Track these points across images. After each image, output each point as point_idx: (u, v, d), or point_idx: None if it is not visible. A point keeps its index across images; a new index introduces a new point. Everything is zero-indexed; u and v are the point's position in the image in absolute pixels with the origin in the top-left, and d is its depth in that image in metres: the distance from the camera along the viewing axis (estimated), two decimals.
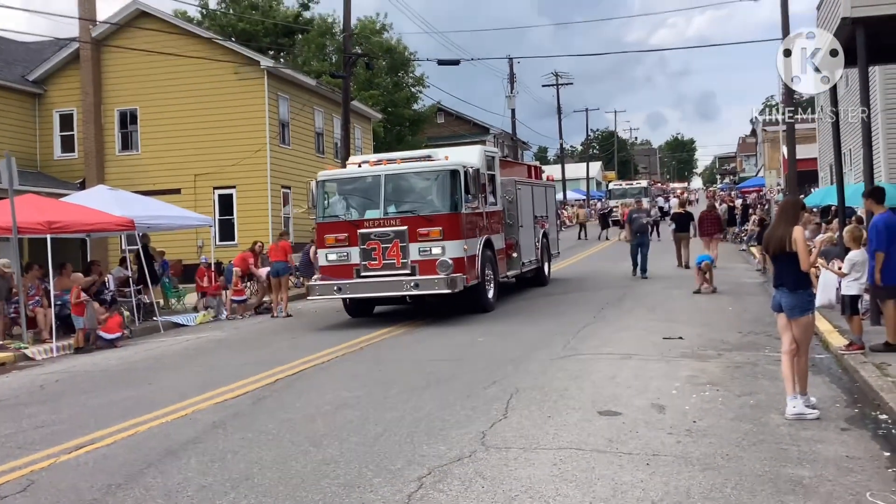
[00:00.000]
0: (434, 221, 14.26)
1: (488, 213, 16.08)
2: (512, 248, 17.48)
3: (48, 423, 8.57)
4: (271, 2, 46.65)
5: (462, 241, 14.40)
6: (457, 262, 14.13)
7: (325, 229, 15.04)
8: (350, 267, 14.65)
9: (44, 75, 29.00)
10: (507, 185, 17.65)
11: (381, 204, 14.64)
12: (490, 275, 15.73)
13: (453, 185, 14.53)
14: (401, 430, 7.20)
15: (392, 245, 14.32)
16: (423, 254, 14.20)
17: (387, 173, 14.84)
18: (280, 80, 29.07)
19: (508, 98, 55.08)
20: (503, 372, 9.53)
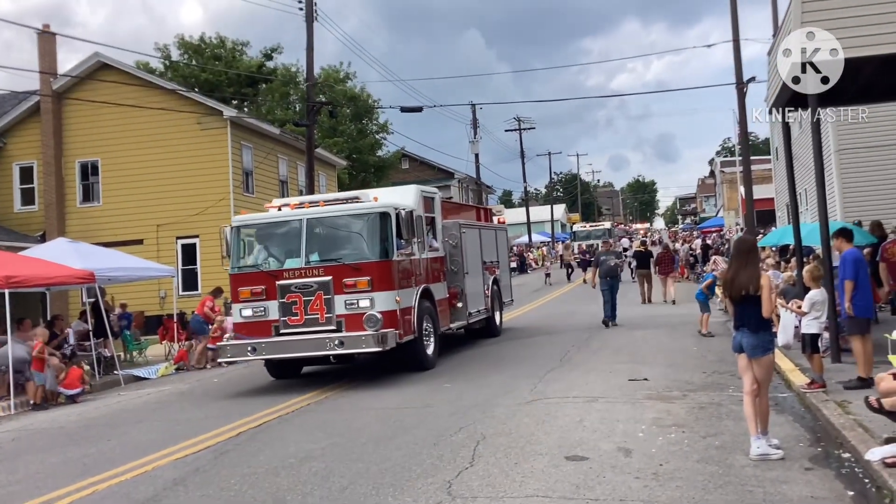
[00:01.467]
0: (362, 270, 12.72)
1: (427, 259, 14.74)
2: (456, 298, 16.05)
3: (4, 484, 8.34)
4: (234, 52, 46.89)
5: (394, 291, 12.91)
6: (388, 316, 12.66)
7: (240, 281, 13.37)
8: (267, 324, 13.04)
9: (3, 128, 28.79)
10: (450, 228, 16.29)
11: (303, 251, 13.14)
12: (429, 328, 14.29)
13: (383, 229, 13.07)
14: (366, 482, 7.10)
15: (315, 298, 12.78)
16: (350, 307, 12.68)
17: (309, 217, 13.37)
18: (243, 129, 29.11)
19: (472, 143, 55.64)
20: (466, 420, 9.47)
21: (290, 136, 33.07)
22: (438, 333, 14.67)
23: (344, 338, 12.52)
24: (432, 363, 14.12)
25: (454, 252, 16.17)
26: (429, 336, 14.24)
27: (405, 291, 13.36)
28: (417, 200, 14.73)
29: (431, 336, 14.36)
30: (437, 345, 14.53)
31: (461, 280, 16.20)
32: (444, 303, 15.43)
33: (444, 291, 15.52)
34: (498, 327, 18.76)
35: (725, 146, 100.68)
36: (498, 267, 19.36)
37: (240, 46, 47.71)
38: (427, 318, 14.18)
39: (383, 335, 12.44)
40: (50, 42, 28.09)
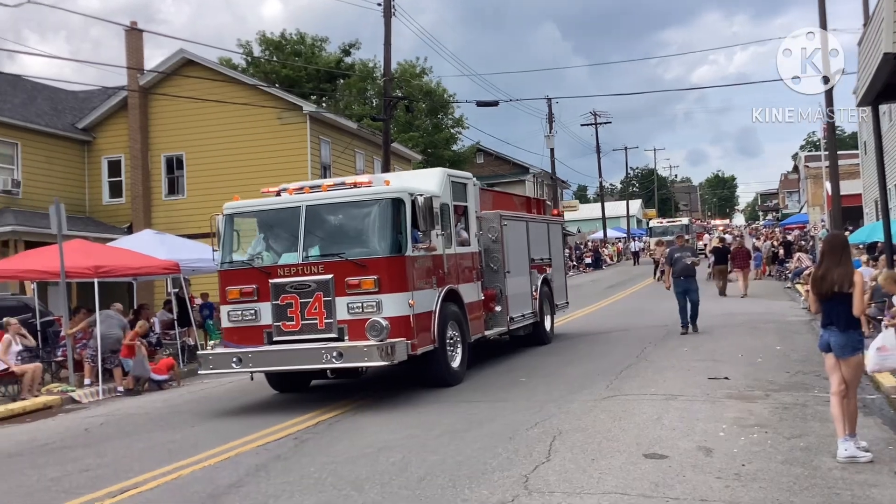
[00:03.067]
0: (368, 268, 10.83)
1: (456, 255, 12.73)
2: (494, 300, 13.99)
3: (93, 467, 8.66)
4: (314, 48, 47.62)
5: (407, 293, 10.98)
6: (398, 323, 10.73)
7: (229, 279, 11.64)
8: (258, 330, 11.24)
9: (92, 123, 29.81)
10: (489, 220, 14.43)
11: (301, 244, 11.30)
12: (455, 336, 12.27)
13: (395, 219, 11.17)
14: (443, 473, 7.14)
15: (313, 300, 10.94)
16: (354, 311, 10.79)
17: (308, 203, 11.49)
18: (322, 123, 29.53)
19: (547, 138, 55.24)
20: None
21: (366, 131, 33.41)
22: (468, 342, 12.68)
23: (344, 348, 10.55)
24: (458, 377, 12.14)
25: (493, 247, 14.35)
26: (454, 346, 12.27)
27: (423, 293, 11.39)
28: (443, 186, 12.71)
29: (458, 346, 12.36)
30: (467, 356, 12.55)
31: (501, 280, 14.32)
32: (477, 306, 13.42)
33: (477, 293, 13.48)
34: (548, 334, 16.71)
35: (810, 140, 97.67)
36: (550, 265, 17.37)
37: (319, 42, 48.47)
38: (452, 324, 12.22)
39: (390, 346, 10.45)
40: (137, 39, 29.02)
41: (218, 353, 11.49)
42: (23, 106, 28.38)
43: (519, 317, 15.03)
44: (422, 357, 11.29)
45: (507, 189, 55.21)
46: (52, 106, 30.05)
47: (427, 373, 11.86)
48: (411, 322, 10.96)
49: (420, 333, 11.14)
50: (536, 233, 16.76)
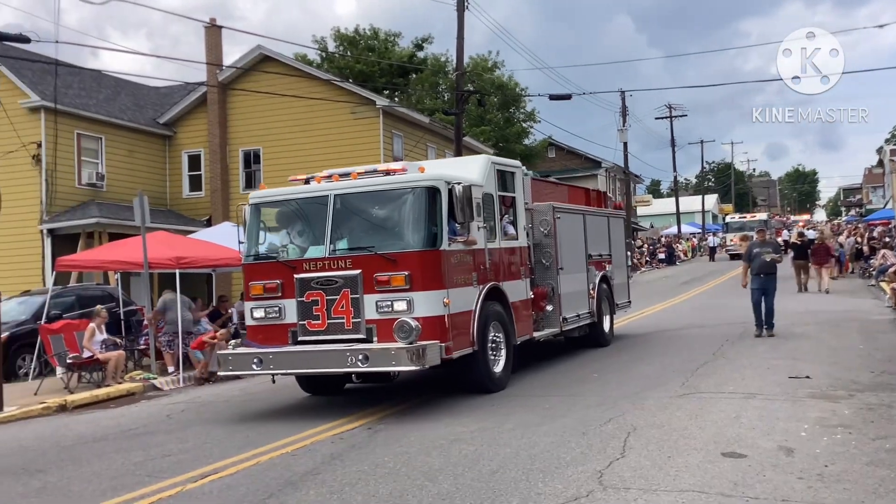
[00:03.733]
0: (398, 263, 10.00)
1: (501, 250, 11.85)
2: (545, 299, 13.18)
3: (175, 452, 8.91)
4: (387, 43, 47.98)
5: (441, 291, 10.08)
6: (430, 323, 9.85)
7: (253, 273, 11.01)
8: (283, 328, 10.58)
9: (173, 118, 30.63)
10: (541, 212, 13.53)
11: (327, 237, 10.54)
12: (498, 338, 11.39)
13: (430, 209, 10.29)
14: (515, 466, 7.13)
15: (340, 297, 10.20)
16: (384, 310, 10.01)
17: (336, 192, 10.70)
18: (394, 118, 29.76)
19: (620, 131, 54.50)
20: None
21: (438, 125, 33.52)
22: (513, 344, 11.77)
23: (370, 351, 9.70)
24: (500, 383, 11.26)
25: (545, 242, 13.47)
26: (497, 349, 11.37)
27: (460, 291, 10.50)
28: (486, 174, 11.76)
29: (501, 348, 11.45)
30: (512, 359, 11.66)
31: (553, 277, 13.44)
32: (524, 305, 12.46)
33: (524, 291, 12.51)
34: (606, 335, 15.79)
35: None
36: (610, 261, 16.43)
37: (392, 37, 48.80)
38: (495, 325, 11.33)
39: (420, 349, 9.55)
40: (216, 35, 29.67)
41: (238, 353, 10.69)
42: (107, 101, 29.34)
43: (573, 317, 14.14)
44: (459, 361, 10.42)
45: (579, 184, 54.77)
46: (134, 101, 30.99)
47: (465, 378, 11.02)
48: (446, 322, 10.06)
49: (457, 335, 10.24)
50: (595, 227, 15.81)
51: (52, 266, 22.31)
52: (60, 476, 8.17)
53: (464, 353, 10.45)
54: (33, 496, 7.52)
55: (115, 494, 7.23)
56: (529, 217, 13.29)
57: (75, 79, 28.75)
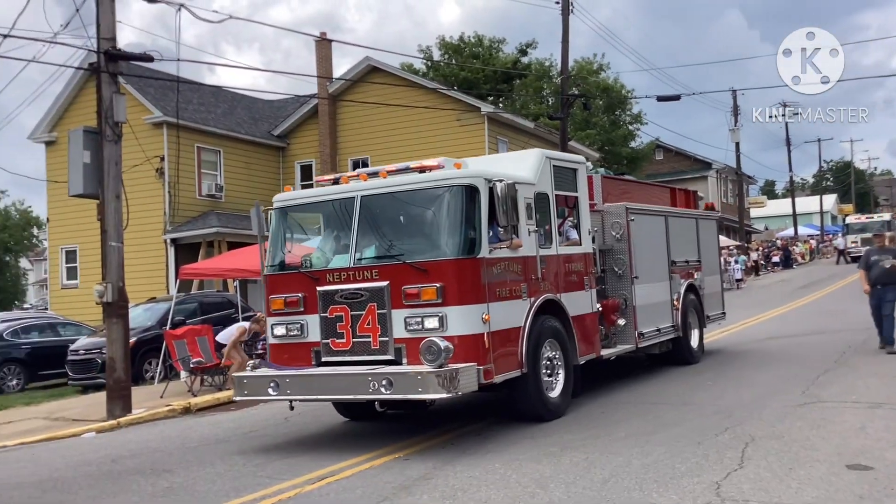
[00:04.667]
0: (430, 273, 8.77)
1: (559, 257, 10.45)
2: (616, 312, 11.92)
3: (293, 454, 9.21)
4: (491, 50, 48.21)
5: (480, 305, 8.81)
6: (466, 343, 8.62)
7: (274, 286, 9.98)
8: (305, 347, 9.50)
9: (286, 130, 31.67)
10: (612, 214, 12.28)
11: (353, 244, 9.38)
12: (555, 358, 10.03)
13: (466, 212, 9.01)
14: (628, 475, 7.07)
15: (366, 312, 9.02)
16: (413, 328, 8.79)
17: (363, 193, 9.53)
18: (499, 124, 29.87)
19: (732, 131, 52.86)
20: None
21: (543, 130, 33.44)
22: (574, 364, 10.41)
23: (393, 375, 8.49)
24: (557, 409, 9.94)
25: (618, 247, 12.21)
26: (553, 370, 10.02)
27: (505, 305, 9.21)
28: (539, 171, 10.30)
29: (559, 369, 10.10)
30: (572, 382, 10.31)
31: (627, 287, 12.15)
32: (588, 320, 10.97)
33: (589, 303, 11.06)
34: (694, 351, 14.14)
35: None
36: (699, 268, 14.78)
37: (496, 44, 49.01)
38: (551, 343, 9.97)
39: (451, 373, 8.30)
40: (326, 48, 30.52)
41: (254, 375, 9.54)
42: (224, 116, 30.57)
43: (652, 331, 12.71)
44: (506, 385, 9.27)
45: (688, 186, 53.47)
46: (249, 115, 32.19)
47: (515, 404, 9.81)
48: (486, 342, 8.79)
49: (500, 356, 9.01)
50: (680, 230, 14.21)
51: (175, 274, 23.43)
52: (186, 476, 8.57)
53: (510, 376, 9.18)
54: (161, 496, 7.92)
55: (238, 495, 7.55)
56: (599, 219, 12.16)
57: (195, 94, 30.08)
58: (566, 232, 11.02)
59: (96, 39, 13.86)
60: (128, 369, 13.58)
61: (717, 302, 15.81)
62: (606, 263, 12.18)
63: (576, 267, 10.89)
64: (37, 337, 21.22)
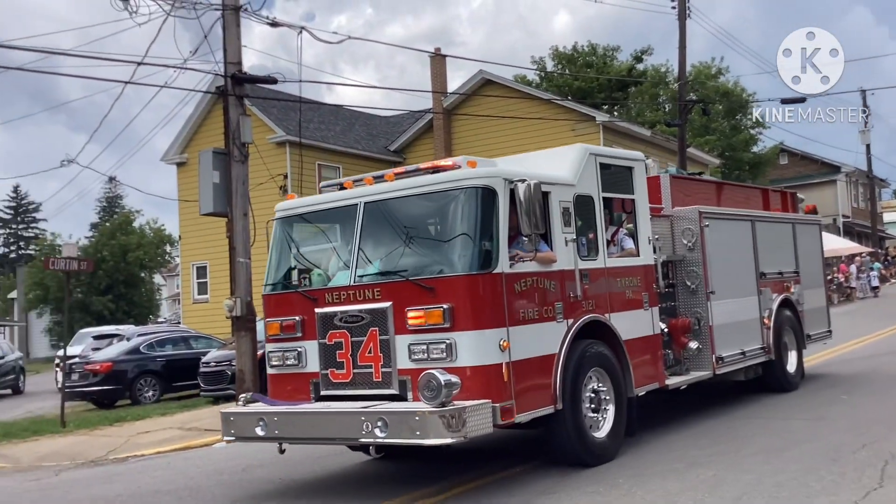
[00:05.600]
0: (437, 292, 7.48)
1: (607, 270, 8.89)
2: (687, 333, 10.26)
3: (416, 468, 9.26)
4: (605, 58, 47.75)
5: (497, 329, 7.45)
6: (478, 376, 7.31)
7: (272, 307, 8.82)
8: (304, 379, 8.30)
9: (402, 145, 32.28)
10: (682, 219, 10.72)
11: (353, 258, 8.17)
12: (601, 392, 8.51)
13: (481, 218, 7.64)
14: (760, 494, 6.84)
15: (367, 338, 7.79)
16: (418, 357, 7.53)
17: (367, 200, 8.31)
18: (615, 132, 29.55)
19: (862, 133, 50.46)
20: None
21: (660, 137, 32.82)
22: (628, 398, 8.83)
23: (389, 415, 7.13)
24: (604, 451, 8.49)
25: (690, 258, 10.59)
26: (599, 404, 8.51)
27: (533, 329, 7.82)
28: (580, 169, 8.80)
29: (607, 404, 8.58)
30: (625, 418, 8.74)
31: (701, 303, 10.51)
32: (648, 344, 9.37)
33: (648, 324, 9.41)
34: (790, 376, 12.26)
35: None
36: (797, 280, 12.80)
37: (610, 52, 48.55)
38: (597, 373, 8.49)
39: (455, 413, 6.89)
40: (440, 64, 30.97)
41: (241, 412, 8.28)
42: (343, 133, 31.44)
43: (734, 355, 10.94)
44: (537, 422, 7.92)
45: (815, 191, 51.28)
46: (367, 131, 32.98)
47: (549, 444, 8.41)
48: (504, 373, 7.41)
49: (525, 390, 7.62)
50: (772, 237, 12.45)
51: None
52: (317, 485, 8.77)
53: (539, 413, 7.79)
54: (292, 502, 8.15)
55: None
56: (667, 226, 10.66)
57: (315, 113, 31.06)
58: (621, 241, 9.56)
59: (223, 64, 14.55)
60: (256, 380, 14.08)
61: (820, 319, 13.71)
62: (677, 276, 10.64)
63: (631, 282, 9.32)
64: (171, 350, 22.24)
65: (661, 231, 10.38)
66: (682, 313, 10.50)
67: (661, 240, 10.28)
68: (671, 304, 10.41)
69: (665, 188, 10.94)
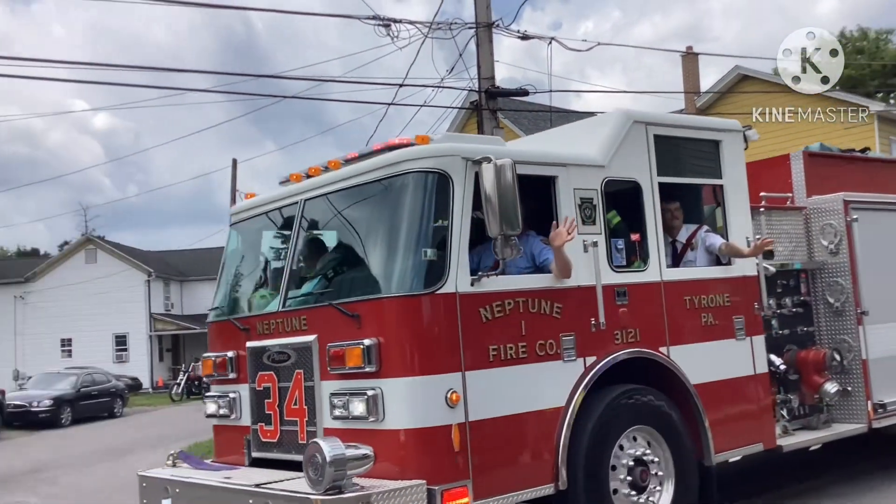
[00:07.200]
0: (364, 321, 5.46)
1: (664, 287, 6.48)
2: (822, 370, 7.59)
3: None
4: (878, 42, 44.02)
5: (446, 375, 5.31)
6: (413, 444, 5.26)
7: (213, 338, 7.13)
8: (239, 434, 6.52)
9: None
10: (820, 212, 8.13)
11: (286, 275, 6.33)
12: (648, 460, 6.05)
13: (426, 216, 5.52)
14: None
15: (293, 383, 5.92)
16: (339, 415, 5.55)
17: (307, 197, 6.39)
18: (892, 122, 27.13)
19: None
20: None
21: None
22: (705, 467, 6.42)
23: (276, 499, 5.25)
24: None
25: (832, 265, 7.98)
26: (646, 482, 6.02)
27: (512, 374, 5.56)
28: (617, 145, 6.43)
29: (659, 482, 6.10)
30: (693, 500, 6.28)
31: (849, 328, 7.86)
32: (742, 388, 6.88)
33: (745, 360, 6.94)
34: None
35: None
36: None
37: (883, 35, 44.73)
38: (642, 434, 6.11)
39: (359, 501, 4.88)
40: (692, 62, 30.17)
41: (152, 476, 6.57)
42: None
43: None
44: None
45: None
46: None
47: None
48: (454, 440, 5.24)
49: (494, 464, 5.42)
50: None
51: None
52: None
53: (524, 497, 5.52)
54: None
55: None
56: (800, 220, 8.15)
57: (564, 122, 31.38)
58: (701, 242, 7.06)
59: (478, 80, 15.24)
60: None
61: None
62: (815, 291, 8.07)
63: (713, 300, 6.80)
64: None
65: (789, 229, 8.01)
66: (818, 342, 7.97)
67: (791, 241, 7.97)
68: (803, 328, 7.92)
69: (797, 171, 8.43)
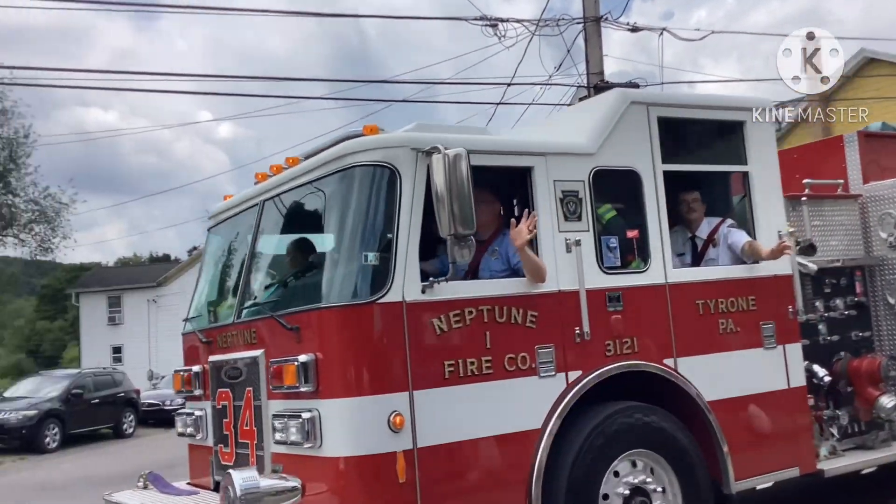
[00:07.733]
0: (303, 335, 4.91)
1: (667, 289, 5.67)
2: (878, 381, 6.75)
3: None
4: None
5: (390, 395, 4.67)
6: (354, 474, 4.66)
7: (186, 351, 6.63)
8: (205, 454, 6.04)
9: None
10: (878, 200, 7.31)
11: (242, 282, 5.91)
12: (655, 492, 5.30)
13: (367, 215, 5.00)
14: None
15: (245, 402, 5.45)
16: (280, 439, 5.01)
17: (266, 197, 5.90)
18: None
19: None
20: None
21: None
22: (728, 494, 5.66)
23: None
24: None
25: (891, 260, 7.13)
26: None
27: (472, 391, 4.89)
28: (610, 129, 5.69)
29: None
30: None
31: None
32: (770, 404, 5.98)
33: (777, 371, 6.07)
34: None
35: None
36: None
37: None
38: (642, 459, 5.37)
39: None
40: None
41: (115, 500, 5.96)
42: None
43: None
44: None
45: None
46: None
47: None
48: (398, 469, 4.63)
49: (448, 495, 4.81)
50: None
51: None
52: None
53: None
54: None
55: None
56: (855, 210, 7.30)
57: None
58: (723, 239, 6.23)
59: (586, 75, 15.09)
60: None
61: None
62: (873, 290, 7.20)
63: (734, 304, 5.97)
64: None
65: (842, 220, 7.21)
66: (880, 349, 7.04)
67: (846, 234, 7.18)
68: (858, 333, 7.03)
69: (851, 155, 7.56)
